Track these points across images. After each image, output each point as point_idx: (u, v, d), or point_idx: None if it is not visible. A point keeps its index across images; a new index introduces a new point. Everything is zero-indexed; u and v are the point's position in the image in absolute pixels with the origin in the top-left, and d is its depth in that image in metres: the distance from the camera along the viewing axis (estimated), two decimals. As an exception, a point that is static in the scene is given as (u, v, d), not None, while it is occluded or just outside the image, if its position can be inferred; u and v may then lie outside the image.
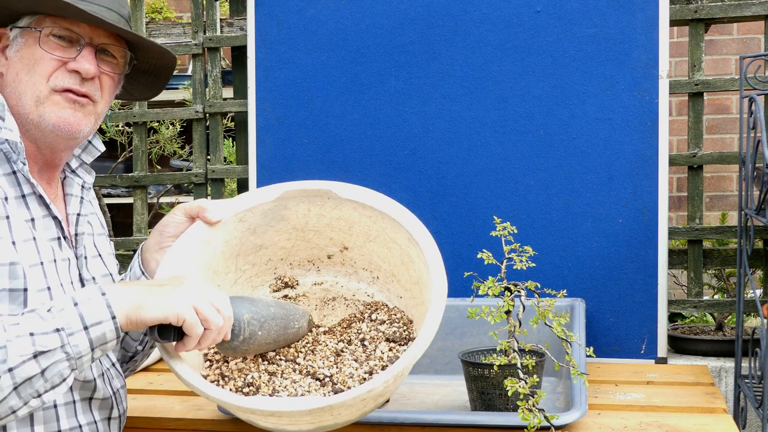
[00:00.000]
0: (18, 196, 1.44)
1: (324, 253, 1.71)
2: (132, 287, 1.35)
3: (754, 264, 2.49)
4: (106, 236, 1.69)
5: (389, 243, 1.61)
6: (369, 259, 1.68)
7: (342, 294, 1.71)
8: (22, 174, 1.46)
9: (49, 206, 1.49)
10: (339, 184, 1.63)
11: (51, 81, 1.47)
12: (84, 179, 1.62)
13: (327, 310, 1.71)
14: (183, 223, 1.61)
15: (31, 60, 1.47)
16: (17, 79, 1.48)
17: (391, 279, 1.66)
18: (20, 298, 1.38)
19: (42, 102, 1.47)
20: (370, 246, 1.65)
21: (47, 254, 1.45)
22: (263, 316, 1.48)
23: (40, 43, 1.47)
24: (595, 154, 2.40)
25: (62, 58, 1.48)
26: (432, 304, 1.45)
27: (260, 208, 1.63)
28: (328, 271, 1.72)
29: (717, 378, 2.37)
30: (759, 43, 4.10)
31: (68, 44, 1.49)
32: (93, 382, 1.50)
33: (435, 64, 2.49)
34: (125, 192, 4.13)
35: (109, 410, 1.55)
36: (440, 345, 2.24)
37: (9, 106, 1.48)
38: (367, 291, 1.70)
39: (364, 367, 1.54)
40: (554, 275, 2.40)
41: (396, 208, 1.59)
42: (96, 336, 1.29)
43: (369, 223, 1.62)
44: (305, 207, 1.64)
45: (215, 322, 1.37)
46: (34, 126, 1.48)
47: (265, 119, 2.61)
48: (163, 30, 2.95)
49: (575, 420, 1.67)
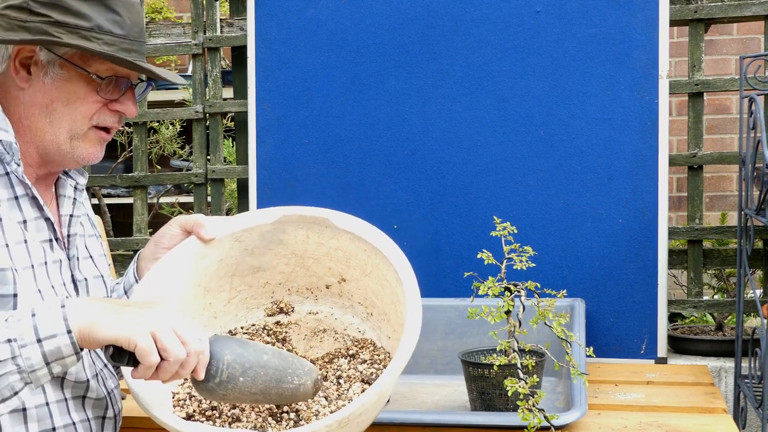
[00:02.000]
0: (11, 197, 1.44)
1: (323, 282, 1.68)
2: (96, 303, 1.29)
3: (754, 264, 2.49)
4: (97, 237, 1.68)
5: (382, 280, 1.57)
6: (364, 294, 1.64)
7: (333, 327, 1.68)
8: (15, 175, 1.45)
9: (42, 208, 1.48)
10: (336, 213, 1.58)
11: (93, 120, 1.48)
12: (77, 181, 1.62)
13: (315, 341, 1.68)
14: (178, 235, 1.60)
15: (73, 96, 1.46)
16: (51, 108, 1.47)
17: (383, 317, 1.62)
18: (9, 304, 1.37)
19: (77, 138, 1.48)
20: (365, 280, 1.62)
21: (39, 257, 1.45)
22: (250, 362, 1.35)
23: (98, 89, 1.47)
24: (595, 154, 2.40)
25: (107, 100, 1.49)
26: (398, 352, 1.38)
27: (258, 229, 1.61)
28: (325, 301, 1.69)
29: (717, 378, 2.37)
30: (759, 43, 4.10)
31: (110, 84, 1.48)
32: (86, 382, 1.50)
33: (435, 64, 2.49)
34: (125, 192, 4.12)
35: (103, 410, 1.55)
36: (440, 345, 2.24)
37: (29, 124, 1.47)
38: (359, 327, 1.67)
39: (331, 406, 1.49)
40: (554, 275, 2.40)
41: (387, 244, 1.54)
42: (50, 350, 1.22)
43: (364, 257, 1.59)
44: (304, 233, 1.62)
45: (175, 354, 1.25)
46: (60, 154, 1.49)
47: (265, 119, 2.61)
48: (163, 30, 2.95)
49: (575, 420, 1.67)
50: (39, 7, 1.42)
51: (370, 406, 1.34)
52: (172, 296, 1.56)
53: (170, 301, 1.55)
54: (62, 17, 1.42)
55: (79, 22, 1.42)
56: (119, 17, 1.46)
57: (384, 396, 1.37)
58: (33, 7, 1.42)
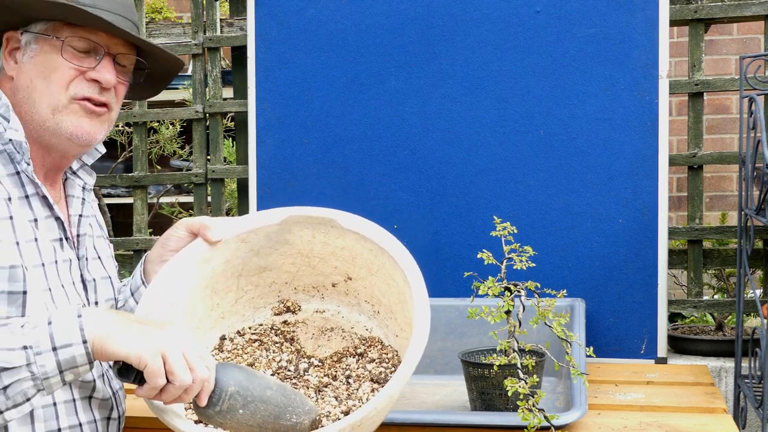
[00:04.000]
0: (21, 196, 1.45)
1: (329, 281, 1.68)
2: (111, 316, 1.30)
3: (754, 264, 2.49)
4: (105, 238, 1.69)
5: (388, 279, 1.58)
6: (371, 292, 1.65)
7: (341, 325, 1.68)
8: (26, 174, 1.46)
9: (52, 207, 1.49)
10: (342, 213, 1.59)
11: (70, 90, 1.47)
12: (85, 181, 1.63)
13: (323, 340, 1.68)
14: (184, 237, 1.60)
15: (48, 68, 1.47)
16: (31, 86, 1.47)
17: (390, 315, 1.63)
18: (19, 301, 1.37)
19: (60, 110, 1.48)
20: (372, 279, 1.62)
21: (49, 255, 1.46)
22: (253, 396, 1.36)
23: (62, 52, 1.46)
24: (595, 154, 2.40)
25: (82, 68, 1.48)
26: (407, 356, 1.38)
27: (264, 230, 1.61)
28: (331, 299, 1.69)
29: (717, 378, 2.37)
30: (759, 43, 4.10)
31: (86, 53, 1.49)
32: (93, 382, 1.50)
33: (435, 64, 2.49)
34: (125, 192, 4.13)
35: (109, 410, 1.55)
36: (440, 345, 2.24)
37: (21, 111, 1.48)
38: (366, 325, 1.67)
39: (342, 406, 1.49)
40: (554, 275, 2.40)
41: (394, 245, 1.55)
42: (65, 359, 1.23)
43: (371, 257, 1.59)
44: (309, 233, 1.62)
45: (181, 379, 1.27)
46: (50, 133, 1.48)
47: (265, 119, 2.61)
48: (163, 30, 2.95)
49: (575, 420, 1.67)
50: None
51: (381, 409, 1.35)
52: (179, 300, 1.56)
53: (178, 305, 1.56)
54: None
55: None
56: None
57: (394, 398, 1.38)
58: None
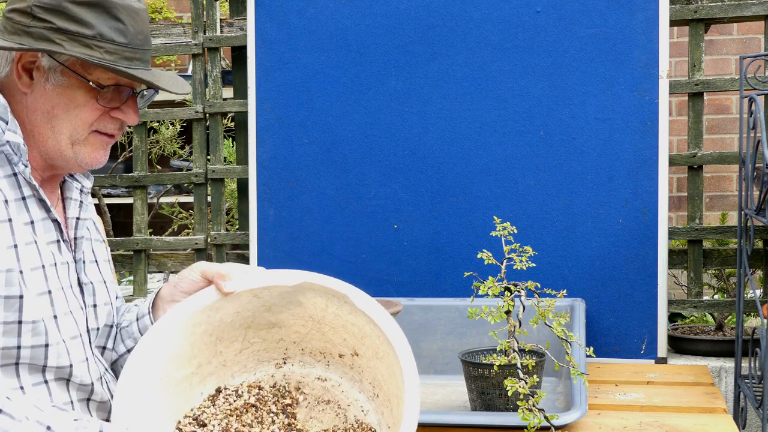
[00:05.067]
0: (18, 198, 1.44)
1: (336, 350, 1.67)
2: None
3: (754, 264, 2.49)
4: (102, 242, 1.69)
5: (391, 370, 1.55)
6: (374, 375, 1.62)
7: (338, 400, 1.65)
8: (23, 176, 1.45)
9: (49, 209, 1.49)
10: (357, 292, 1.56)
11: (94, 125, 1.49)
12: (83, 183, 1.62)
13: (316, 411, 1.66)
14: (198, 282, 1.60)
15: (74, 103, 1.46)
16: (52, 114, 1.47)
17: (386, 404, 1.60)
18: (15, 305, 1.37)
19: (79, 143, 1.48)
20: (377, 363, 1.60)
21: (47, 257, 1.45)
22: None
23: (98, 97, 1.47)
24: (595, 154, 2.40)
25: (108, 107, 1.49)
26: None
27: (278, 289, 1.59)
28: (336, 369, 1.67)
29: (717, 378, 2.37)
30: (759, 43, 4.10)
31: (110, 92, 1.49)
32: (91, 385, 1.50)
33: (435, 64, 2.49)
34: (125, 192, 4.13)
35: (107, 413, 1.54)
36: (440, 345, 2.24)
37: (33, 130, 1.48)
38: (363, 406, 1.64)
39: None
40: (554, 275, 2.40)
41: (401, 342, 1.52)
42: None
43: (377, 342, 1.56)
44: (323, 302, 1.60)
45: None
46: (63, 159, 1.49)
47: (265, 119, 2.61)
48: (163, 30, 2.95)
49: (575, 420, 1.67)
50: (42, 13, 1.42)
51: None
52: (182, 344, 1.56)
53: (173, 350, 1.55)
54: (64, 24, 1.42)
55: (81, 30, 1.42)
56: (122, 25, 1.46)
57: None
58: (36, 12, 1.42)
